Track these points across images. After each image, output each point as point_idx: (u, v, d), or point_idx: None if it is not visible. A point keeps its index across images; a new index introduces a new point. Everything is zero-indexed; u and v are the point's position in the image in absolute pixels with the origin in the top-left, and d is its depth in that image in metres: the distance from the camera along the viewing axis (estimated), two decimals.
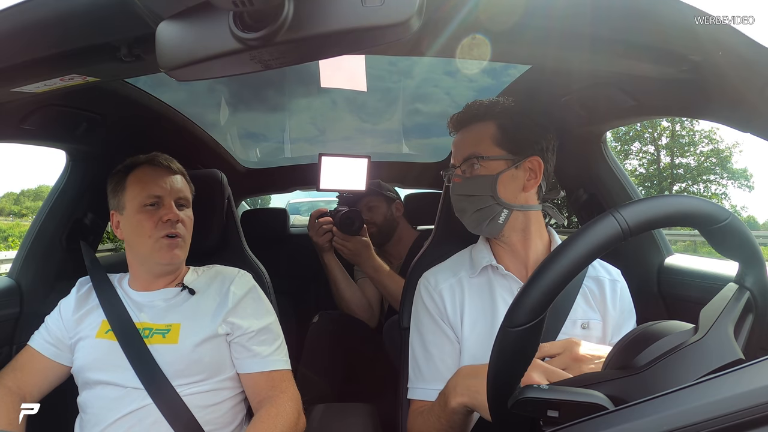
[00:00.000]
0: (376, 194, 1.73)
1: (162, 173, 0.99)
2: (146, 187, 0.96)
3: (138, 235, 0.96)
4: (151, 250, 0.95)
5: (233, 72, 0.47)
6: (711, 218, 0.50)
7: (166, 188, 0.97)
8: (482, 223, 0.90)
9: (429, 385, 0.88)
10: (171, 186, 0.98)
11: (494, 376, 0.51)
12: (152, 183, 0.97)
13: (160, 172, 0.99)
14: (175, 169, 1.02)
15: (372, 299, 1.63)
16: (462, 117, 0.95)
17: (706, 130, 22.14)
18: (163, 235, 0.94)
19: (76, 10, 0.52)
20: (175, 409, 0.88)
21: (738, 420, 0.36)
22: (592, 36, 0.59)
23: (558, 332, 0.85)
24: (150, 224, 0.95)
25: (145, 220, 0.95)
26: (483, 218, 0.90)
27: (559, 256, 0.47)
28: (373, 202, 1.72)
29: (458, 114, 0.96)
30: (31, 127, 0.98)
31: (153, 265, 0.98)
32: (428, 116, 2.25)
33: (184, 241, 0.98)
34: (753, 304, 0.54)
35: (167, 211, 0.95)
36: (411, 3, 0.39)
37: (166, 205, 0.96)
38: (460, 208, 0.93)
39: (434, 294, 0.92)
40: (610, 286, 0.90)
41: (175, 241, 0.95)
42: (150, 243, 0.95)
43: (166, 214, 0.95)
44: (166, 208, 0.96)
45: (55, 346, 0.97)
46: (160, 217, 0.95)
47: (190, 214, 1.01)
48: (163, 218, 0.94)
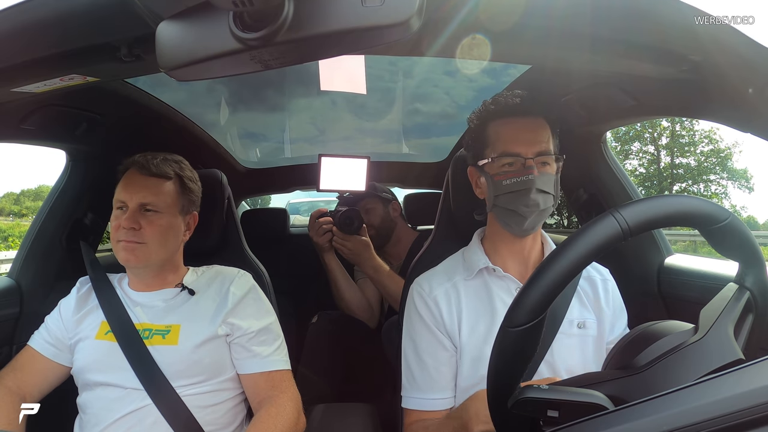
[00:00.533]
0: (372, 196, 1.73)
1: (137, 177, 0.98)
2: (119, 191, 0.98)
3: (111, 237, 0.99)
4: (114, 250, 0.98)
5: (233, 72, 0.47)
6: (711, 218, 0.49)
7: (130, 194, 0.96)
8: (539, 222, 0.86)
9: (425, 395, 0.87)
10: (138, 191, 0.96)
11: (494, 376, 0.51)
12: (123, 187, 0.98)
13: (135, 177, 0.98)
14: (154, 172, 0.98)
15: (372, 300, 1.63)
16: (533, 106, 0.87)
17: (706, 130, 22.15)
18: (119, 239, 0.94)
19: (76, 10, 0.53)
20: (174, 410, 0.88)
21: (738, 420, 0.36)
22: (592, 36, 0.59)
23: (556, 332, 0.85)
24: (114, 227, 0.97)
25: (113, 224, 0.98)
26: (543, 217, 0.86)
27: (559, 256, 0.47)
28: (370, 204, 1.73)
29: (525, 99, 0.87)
30: (31, 127, 0.98)
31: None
32: (428, 116, 2.25)
33: (149, 248, 0.95)
34: (753, 304, 0.54)
35: (126, 217, 0.94)
36: (411, 3, 0.39)
37: (127, 211, 0.95)
38: (534, 203, 0.83)
39: (429, 300, 0.90)
40: (602, 285, 0.91)
41: (129, 245, 0.94)
42: (113, 244, 0.97)
43: (124, 220, 0.94)
44: (127, 214, 0.95)
45: (54, 347, 0.97)
46: (120, 223, 0.95)
47: (163, 221, 0.96)
48: (123, 224, 0.94)
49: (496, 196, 0.86)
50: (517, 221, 0.85)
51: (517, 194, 0.83)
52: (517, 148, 0.85)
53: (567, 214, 17.36)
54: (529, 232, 0.88)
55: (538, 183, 0.82)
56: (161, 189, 0.98)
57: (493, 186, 0.86)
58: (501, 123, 0.88)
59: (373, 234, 1.67)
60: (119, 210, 0.96)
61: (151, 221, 0.95)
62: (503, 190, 0.85)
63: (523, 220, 0.84)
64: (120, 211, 0.96)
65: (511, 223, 0.87)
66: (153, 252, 0.96)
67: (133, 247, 0.94)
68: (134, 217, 0.94)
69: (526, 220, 0.84)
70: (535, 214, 0.84)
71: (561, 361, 0.84)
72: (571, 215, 15.31)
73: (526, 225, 0.85)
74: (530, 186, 0.82)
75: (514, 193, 0.84)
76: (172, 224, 0.98)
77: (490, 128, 0.89)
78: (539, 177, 0.83)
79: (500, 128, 0.88)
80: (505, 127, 0.87)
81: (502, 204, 0.86)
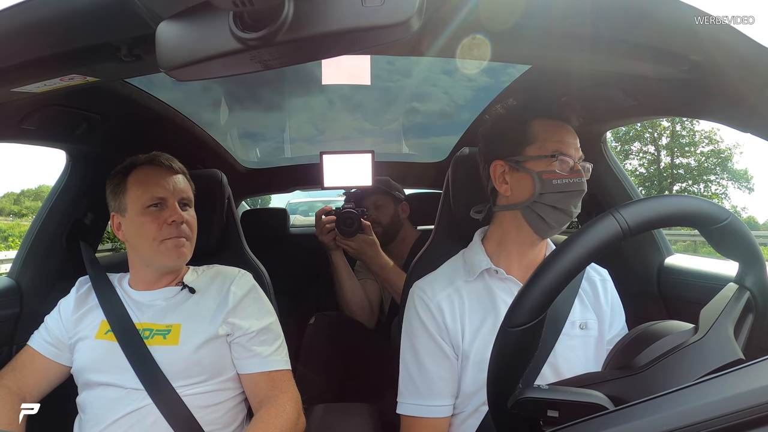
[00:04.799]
0: (385, 193, 1.72)
1: (164, 173, 0.98)
2: (149, 189, 0.95)
3: (142, 238, 0.95)
4: (156, 252, 0.94)
5: (233, 72, 0.46)
6: (711, 218, 0.50)
7: (168, 189, 0.96)
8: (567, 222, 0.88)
9: (425, 401, 0.86)
10: (174, 186, 0.97)
11: (494, 376, 0.51)
12: (154, 184, 0.96)
13: (161, 173, 0.98)
14: (177, 168, 1.01)
15: (372, 301, 1.63)
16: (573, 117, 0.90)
17: (706, 131, 22.16)
18: (168, 237, 0.94)
19: (76, 9, 0.53)
20: (174, 410, 0.88)
21: (738, 420, 0.36)
22: (592, 36, 0.59)
23: (558, 334, 0.84)
24: (154, 227, 0.94)
25: (149, 223, 0.94)
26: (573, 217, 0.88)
27: (559, 256, 0.47)
28: (381, 201, 1.71)
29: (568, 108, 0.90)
30: (31, 127, 0.98)
31: (159, 266, 0.98)
32: (427, 116, 2.25)
33: (190, 241, 0.98)
34: (753, 304, 0.54)
35: (171, 212, 0.94)
36: (411, 3, 0.39)
37: (170, 207, 0.95)
38: (576, 203, 0.86)
39: (431, 305, 0.89)
40: (601, 285, 0.92)
41: (180, 241, 0.95)
42: (155, 245, 0.94)
43: (170, 216, 0.94)
44: (170, 209, 0.95)
45: (54, 346, 0.97)
46: (165, 219, 0.94)
47: (193, 213, 1.01)
48: (168, 220, 0.94)
49: (541, 194, 0.85)
50: (560, 220, 0.86)
51: (569, 195, 0.84)
52: (570, 150, 0.86)
53: None
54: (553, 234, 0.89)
55: (584, 184, 0.86)
56: (187, 184, 1.02)
57: (541, 183, 0.85)
58: (549, 123, 0.88)
59: (380, 231, 1.67)
60: (154, 207, 0.95)
61: (189, 215, 0.98)
62: (553, 189, 0.84)
63: (568, 219, 0.86)
64: (156, 209, 0.95)
65: (551, 222, 0.86)
66: (192, 246, 0.98)
67: (182, 243, 0.95)
68: (180, 212, 0.96)
69: (565, 222, 0.86)
70: (574, 214, 0.86)
71: (564, 363, 0.84)
72: None
73: (560, 227, 0.87)
74: (582, 188, 0.85)
75: (566, 194, 0.84)
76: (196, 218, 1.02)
77: (536, 126, 0.88)
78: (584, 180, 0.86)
79: (549, 128, 0.87)
80: (555, 128, 0.87)
81: (549, 202, 0.85)
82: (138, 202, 0.95)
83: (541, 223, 0.87)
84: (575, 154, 0.86)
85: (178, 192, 0.98)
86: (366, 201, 1.72)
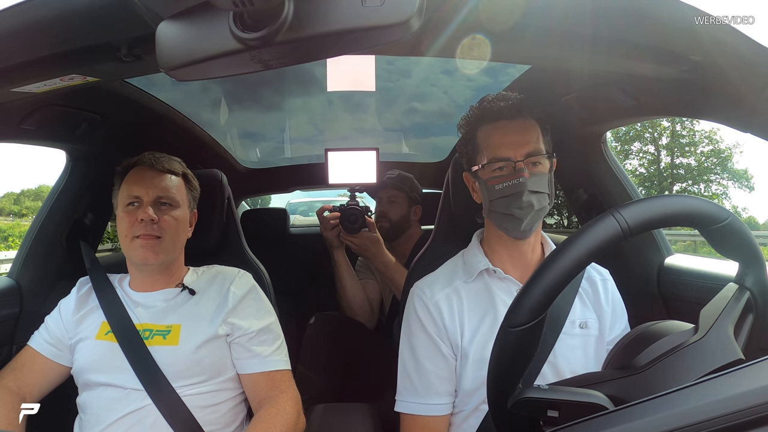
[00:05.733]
0: (400, 190, 1.70)
1: (148, 173, 0.98)
2: (129, 187, 0.97)
3: (120, 235, 0.97)
4: (128, 248, 0.96)
5: (233, 72, 0.47)
6: (711, 218, 0.50)
7: (144, 188, 0.96)
8: (536, 222, 0.86)
9: (422, 400, 0.87)
10: (153, 185, 0.97)
11: (494, 376, 0.51)
12: (134, 183, 0.97)
13: (146, 172, 0.98)
14: (165, 168, 1.00)
15: (373, 301, 1.63)
16: (519, 106, 0.88)
17: (706, 131, 22.15)
18: (137, 234, 0.94)
19: (76, 9, 0.53)
20: (174, 410, 0.88)
21: (738, 420, 0.36)
22: (592, 36, 0.59)
23: (558, 333, 0.85)
24: (127, 224, 0.95)
25: (123, 219, 0.96)
26: (538, 217, 0.86)
27: (559, 256, 0.47)
28: (396, 198, 1.70)
29: (510, 102, 0.88)
30: (31, 127, 0.98)
31: (133, 263, 0.99)
32: (427, 116, 2.26)
33: (165, 242, 0.96)
34: (753, 304, 0.54)
35: (143, 211, 0.94)
36: (411, 3, 0.39)
37: (144, 205, 0.95)
38: (528, 204, 0.84)
39: (430, 305, 0.90)
40: (602, 285, 0.92)
41: (148, 241, 0.94)
42: (127, 242, 0.95)
43: (141, 214, 0.94)
44: (143, 207, 0.95)
45: (54, 347, 0.97)
46: (137, 217, 0.94)
47: (176, 214, 0.98)
48: (138, 218, 0.94)
49: (490, 201, 0.88)
50: (513, 224, 0.86)
51: (511, 198, 0.84)
52: (506, 151, 0.86)
53: (567, 214, 17.36)
54: (528, 234, 0.88)
55: (529, 185, 0.83)
56: (173, 183, 1.01)
57: (487, 191, 0.88)
58: (489, 128, 0.90)
59: (387, 227, 1.67)
60: (132, 206, 0.96)
61: (166, 214, 0.97)
62: (497, 194, 0.86)
63: (520, 222, 0.85)
64: (133, 207, 0.96)
65: (509, 227, 0.87)
66: (168, 247, 0.97)
67: (152, 243, 0.94)
68: (150, 211, 0.95)
69: (522, 222, 0.85)
70: (531, 214, 0.84)
71: (564, 362, 0.84)
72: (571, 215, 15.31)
73: (523, 227, 0.85)
74: (522, 189, 0.83)
75: (508, 197, 0.85)
76: (184, 218, 1.01)
77: (479, 134, 0.91)
78: (530, 178, 0.84)
79: (488, 133, 0.89)
80: (493, 131, 0.89)
81: (497, 209, 0.87)
82: (121, 201, 0.98)
83: (502, 228, 0.89)
84: (517, 152, 0.85)
85: (155, 191, 0.97)
86: (381, 193, 1.71)
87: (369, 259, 1.54)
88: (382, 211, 1.70)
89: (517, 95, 0.90)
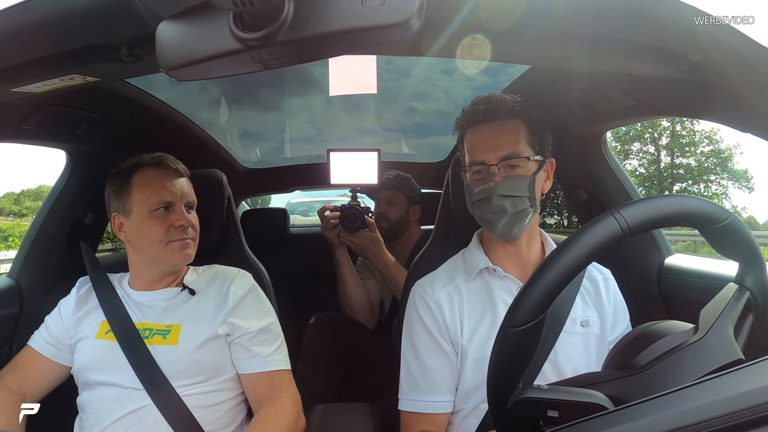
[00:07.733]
0: (399, 191, 1.71)
1: (170, 176, 0.98)
2: (156, 192, 0.95)
3: (148, 240, 0.95)
4: (162, 253, 0.95)
5: (233, 72, 0.47)
6: (711, 218, 0.49)
7: (176, 193, 0.97)
8: (516, 225, 0.86)
9: (425, 397, 0.88)
10: (181, 190, 0.98)
11: (494, 376, 0.51)
12: (162, 188, 0.96)
13: (168, 176, 0.98)
14: (182, 171, 1.02)
15: (373, 300, 1.63)
16: (498, 108, 0.88)
17: (706, 131, 22.15)
18: (174, 239, 0.95)
19: (76, 9, 0.53)
20: (174, 410, 0.88)
21: (738, 420, 0.36)
22: (592, 36, 0.59)
23: (560, 331, 0.85)
24: (161, 230, 0.94)
25: (156, 226, 0.95)
26: (518, 220, 0.86)
27: (559, 256, 0.47)
28: (395, 198, 1.71)
29: (491, 104, 0.88)
30: (31, 127, 0.98)
31: (164, 266, 0.98)
32: (427, 116, 2.26)
33: (194, 242, 1.00)
34: (753, 304, 0.54)
35: (179, 217, 0.96)
36: (411, 3, 0.39)
37: (177, 211, 0.96)
38: (499, 208, 0.85)
39: (431, 303, 0.90)
40: (603, 284, 0.92)
41: (186, 242, 0.96)
42: (161, 247, 0.95)
43: (178, 220, 0.95)
44: (178, 213, 0.96)
45: (54, 346, 0.97)
46: (172, 223, 0.95)
47: (196, 216, 1.02)
48: (175, 224, 0.95)
49: (471, 204, 0.90)
50: (490, 227, 0.88)
51: (483, 201, 0.86)
52: (482, 155, 0.87)
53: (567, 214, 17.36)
54: (510, 237, 0.87)
55: (500, 189, 0.85)
56: (190, 187, 1.03)
57: (468, 194, 0.90)
58: (471, 132, 0.91)
59: (386, 227, 1.67)
60: (162, 210, 0.96)
61: (193, 217, 1.00)
62: (475, 197, 0.88)
63: (494, 225, 0.86)
64: (164, 212, 0.96)
65: (488, 228, 0.89)
66: (195, 247, 1.00)
67: (188, 244, 0.97)
68: (187, 216, 0.97)
69: (497, 225, 0.86)
70: (505, 218, 0.85)
71: (565, 361, 0.84)
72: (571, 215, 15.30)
73: (499, 229, 0.86)
74: (491, 193, 0.85)
75: (482, 201, 0.87)
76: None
77: (464, 138, 0.93)
78: (502, 183, 0.85)
79: (469, 136, 0.91)
80: (473, 135, 0.91)
81: (476, 211, 0.90)
82: (145, 205, 0.95)
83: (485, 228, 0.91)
84: (491, 156, 0.86)
85: (185, 196, 0.99)
86: (379, 194, 1.72)
87: (369, 259, 1.54)
88: (381, 212, 1.70)
89: (505, 96, 0.91)
